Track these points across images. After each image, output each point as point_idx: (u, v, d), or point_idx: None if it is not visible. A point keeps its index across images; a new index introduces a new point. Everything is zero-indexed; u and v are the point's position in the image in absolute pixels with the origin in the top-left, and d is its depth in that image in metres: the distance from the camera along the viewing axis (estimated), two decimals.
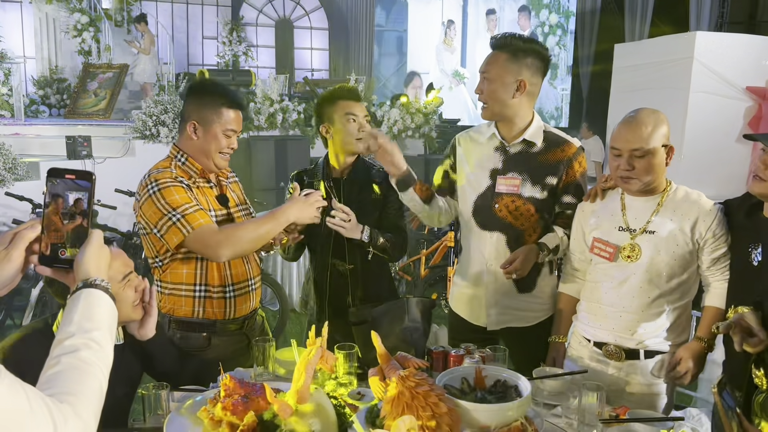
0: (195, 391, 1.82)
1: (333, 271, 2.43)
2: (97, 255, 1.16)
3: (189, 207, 2.01)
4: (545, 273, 2.35)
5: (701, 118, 6.43)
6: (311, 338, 1.60)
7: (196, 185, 2.13)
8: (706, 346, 2.00)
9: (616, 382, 2.05)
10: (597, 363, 2.09)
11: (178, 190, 2.03)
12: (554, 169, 2.23)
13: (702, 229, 1.94)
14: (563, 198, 2.27)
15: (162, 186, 2.03)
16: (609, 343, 2.06)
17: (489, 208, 2.28)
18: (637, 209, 2.03)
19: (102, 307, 1.10)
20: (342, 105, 2.33)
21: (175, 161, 2.14)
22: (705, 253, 1.97)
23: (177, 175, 2.08)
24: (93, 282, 1.12)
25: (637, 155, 1.91)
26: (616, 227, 2.05)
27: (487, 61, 2.21)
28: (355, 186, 2.39)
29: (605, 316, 2.07)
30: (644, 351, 2.03)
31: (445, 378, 1.69)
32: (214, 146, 2.11)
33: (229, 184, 2.31)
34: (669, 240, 1.97)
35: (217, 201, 2.18)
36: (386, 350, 1.64)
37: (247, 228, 2.05)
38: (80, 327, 1.05)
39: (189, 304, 2.16)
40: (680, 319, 2.04)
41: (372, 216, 2.37)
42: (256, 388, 1.56)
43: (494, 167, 2.28)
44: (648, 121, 1.92)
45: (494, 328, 2.37)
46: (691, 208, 1.97)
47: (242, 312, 2.23)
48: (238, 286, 2.21)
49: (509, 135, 2.28)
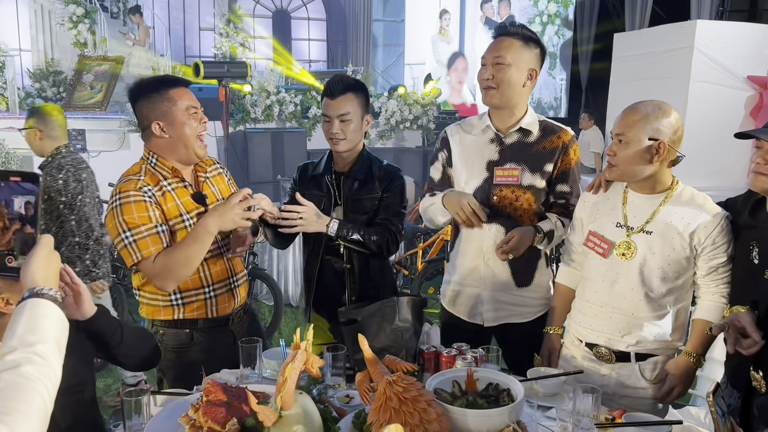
0: (177, 394, 1.77)
1: (327, 268, 2.37)
2: (46, 262, 1.10)
3: (144, 230, 1.95)
4: (542, 266, 2.32)
5: (702, 108, 6.36)
6: (296, 341, 1.55)
7: (168, 187, 2.06)
8: (694, 361, 1.93)
9: (609, 384, 1.99)
10: (590, 363, 2.04)
11: (139, 207, 1.96)
12: (551, 155, 2.23)
13: (702, 235, 1.86)
14: (557, 187, 2.26)
15: (123, 201, 1.97)
16: (599, 344, 2.00)
17: (487, 200, 2.24)
18: (637, 206, 1.96)
19: (49, 318, 1.04)
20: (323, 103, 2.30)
21: (147, 164, 2.08)
22: (702, 261, 1.90)
23: (144, 185, 2.01)
24: (40, 291, 1.06)
25: (620, 140, 1.88)
26: (613, 223, 1.99)
27: (501, 46, 2.17)
28: (356, 180, 2.32)
29: (595, 317, 2.01)
30: (635, 354, 1.97)
31: (436, 381, 1.64)
32: (188, 131, 2.04)
33: (209, 178, 2.23)
34: (665, 242, 1.90)
35: (192, 200, 2.11)
36: (374, 353, 1.58)
37: (173, 255, 1.94)
38: (23, 340, 0.98)
39: (168, 312, 2.11)
40: (675, 322, 1.97)
41: (370, 212, 2.31)
42: (239, 393, 1.51)
43: (490, 159, 2.26)
44: (641, 111, 1.86)
45: (491, 325, 2.33)
46: (694, 211, 1.88)
47: (225, 310, 2.18)
48: (218, 285, 2.15)
49: (504, 125, 2.26)
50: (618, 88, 7.82)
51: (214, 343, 2.15)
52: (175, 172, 2.09)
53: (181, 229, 2.05)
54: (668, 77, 6.69)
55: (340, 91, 2.25)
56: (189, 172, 2.16)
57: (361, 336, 1.58)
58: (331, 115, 2.25)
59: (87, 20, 9.98)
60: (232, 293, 2.20)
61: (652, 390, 1.97)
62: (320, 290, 2.40)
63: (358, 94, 2.28)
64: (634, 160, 1.87)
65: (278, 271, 5.32)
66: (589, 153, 8.62)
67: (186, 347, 2.13)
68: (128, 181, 2.01)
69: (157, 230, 1.97)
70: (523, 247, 2.13)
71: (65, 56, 10.30)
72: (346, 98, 2.25)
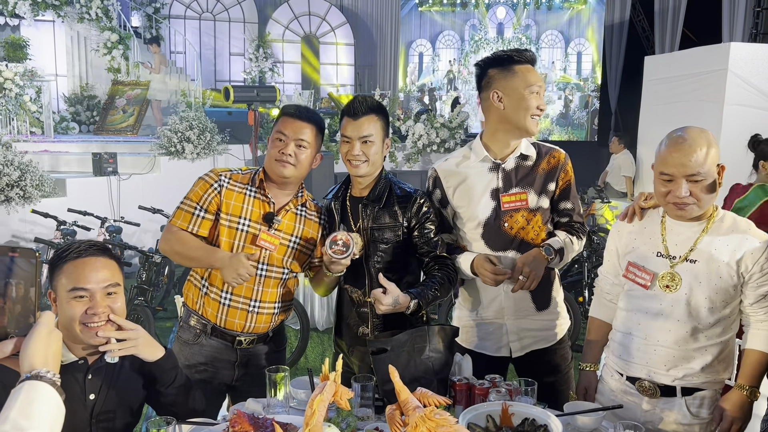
0: (203, 424, 1.73)
1: (346, 297, 2.27)
2: (45, 343, 1.06)
3: (187, 203, 2.17)
4: (556, 285, 2.30)
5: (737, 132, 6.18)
6: (324, 371, 1.50)
7: (249, 191, 2.20)
8: (748, 394, 1.82)
9: (651, 419, 1.90)
10: (630, 397, 1.95)
11: (202, 185, 2.18)
12: (552, 174, 2.23)
13: (749, 262, 1.79)
14: (560, 204, 2.26)
15: (201, 176, 2.22)
16: (642, 378, 1.91)
17: (498, 228, 2.19)
18: (679, 235, 1.88)
19: (44, 403, 1.00)
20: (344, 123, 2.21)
21: (253, 172, 2.25)
22: (750, 288, 1.82)
23: (228, 176, 2.21)
24: (37, 374, 1.02)
25: (694, 180, 1.75)
26: (654, 252, 1.91)
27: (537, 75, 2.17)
28: (374, 208, 2.20)
29: (638, 350, 1.92)
30: (681, 388, 1.88)
31: (469, 416, 1.58)
32: (272, 152, 2.17)
33: (303, 216, 2.26)
34: (712, 271, 1.81)
35: (261, 213, 2.19)
36: (404, 385, 1.53)
37: (184, 240, 2.15)
38: (15, 425, 0.95)
39: (196, 294, 2.24)
40: (722, 354, 1.87)
41: (390, 243, 2.18)
42: (266, 424, 1.47)
43: (493, 187, 2.21)
44: (701, 143, 1.75)
45: (519, 355, 2.25)
46: (739, 238, 1.81)
47: (232, 326, 2.18)
48: (235, 298, 2.17)
49: (503, 153, 2.23)
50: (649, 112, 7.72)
51: (216, 354, 2.21)
52: (262, 185, 2.21)
53: (231, 228, 2.16)
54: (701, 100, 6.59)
55: (363, 112, 2.15)
56: (284, 197, 2.23)
57: (391, 367, 1.53)
58: (352, 136, 2.15)
59: (121, 46, 10.24)
60: (245, 314, 2.18)
61: (699, 428, 1.87)
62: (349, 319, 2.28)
63: (381, 116, 2.20)
64: (713, 192, 1.78)
65: (305, 295, 5.29)
66: (620, 177, 8.48)
67: (191, 344, 2.21)
68: (224, 168, 2.28)
69: (195, 211, 2.16)
70: (540, 271, 2.10)
71: (99, 81, 10.58)
72: (369, 119, 2.16)
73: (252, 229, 2.16)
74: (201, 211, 2.16)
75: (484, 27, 13.67)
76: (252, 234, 2.16)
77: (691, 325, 1.83)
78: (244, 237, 2.16)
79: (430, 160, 9.07)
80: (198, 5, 13.43)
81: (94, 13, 10.07)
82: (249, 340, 2.22)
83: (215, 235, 2.17)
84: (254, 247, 2.15)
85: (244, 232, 2.16)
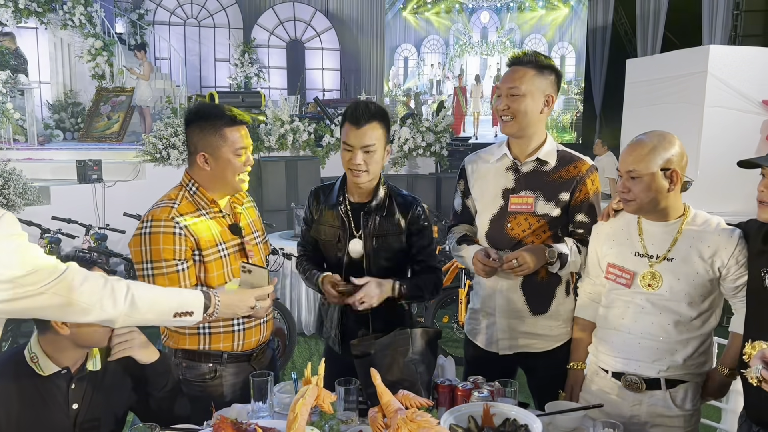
0: (187, 431, 1.74)
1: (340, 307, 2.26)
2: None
3: (165, 266, 1.92)
4: (561, 294, 2.26)
5: (717, 133, 6.31)
6: (307, 375, 1.52)
7: (206, 216, 2.03)
8: (728, 374, 1.93)
9: (637, 414, 1.95)
10: (616, 395, 1.99)
11: (166, 239, 1.92)
12: (567, 185, 2.18)
13: (724, 257, 1.87)
14: (576, 216, 2.21)
15: (154, 230, 1.93)
16: (627, 372, 1.96)
17: (501, 227, 2.22)
18: (654, 235, 1.95)
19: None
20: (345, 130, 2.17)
21: (185, 191, 2.04)
22: (728, 281, 1.89)
23: (176, 215, 1.96)
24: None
25: (632, 176, 1.88)
26: (632, 252, 1.97)
27: (515, 77, 2.15)
28: (377, 216, 2.19)
29: (623, 344, 1.97)
30: (665, 380, 1.93)
31: (451, 417, 1.60)
32: (230, 171, 2.00)
33: (245, 210, 2.20)
34: (689, 268, 1.89)
35: (229, 231, 2.08)
36: (387, 387, 1.55)
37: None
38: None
39: (194, 341, 2.04)
40: (702, 346, 1.94)
41: (393, 252, 2.20)
42: (249, 430, 1.48)
43: (506, 187, 2.23)
44: (648, 144, 1.87)
45: (506, 353, 2.28)
46: (712, 235, 1.89)
47: (251, 345, 2.12)
48: (249, 319, 2.05)
49: (522, 154, 2.23)
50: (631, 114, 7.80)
51: (237, 378, 2.09)
52: (214, 203, 2.05)
53: (217, 258, 2.00)
54: (682, 102, 6.67)
55: (366, 119, 2.08)
56: (225, 202, 2.12)
57: (373, 370, 1.55)
58: (354, 144, 2.09)
59: (105, 53, 10.20)
60: (260, 327, 2.14)
61: (683, 420, 1.94)
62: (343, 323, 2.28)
63: (383, 123, 2.12)
64: (650, 192, 1.87)
65: (291, 299, 5.29)
66: (603, 179, 8.56)
67: (209, 381, 2.05)
68: (163, 209, 1.96)
69: (178, 268, 1.93)
70: (534, 263, 2.07)
71: (84, 88, 10.51)
72: (372, 127, 2.09)
73: (230, 249, 2.06)
74: (182, 264, 1.95)
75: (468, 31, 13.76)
76: (232, 253, 2.07)
77: (674, 319, 1.90)
78: (229, 259, 2.06)
79: (416, 164, 9.10)
80: (182, 11, 13.42)
81: (77, 19, 10.03)
82: (261, 352, 2.19)
83: (202, 277, 2.00)
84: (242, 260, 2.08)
85: (227, 256, 2.05)
